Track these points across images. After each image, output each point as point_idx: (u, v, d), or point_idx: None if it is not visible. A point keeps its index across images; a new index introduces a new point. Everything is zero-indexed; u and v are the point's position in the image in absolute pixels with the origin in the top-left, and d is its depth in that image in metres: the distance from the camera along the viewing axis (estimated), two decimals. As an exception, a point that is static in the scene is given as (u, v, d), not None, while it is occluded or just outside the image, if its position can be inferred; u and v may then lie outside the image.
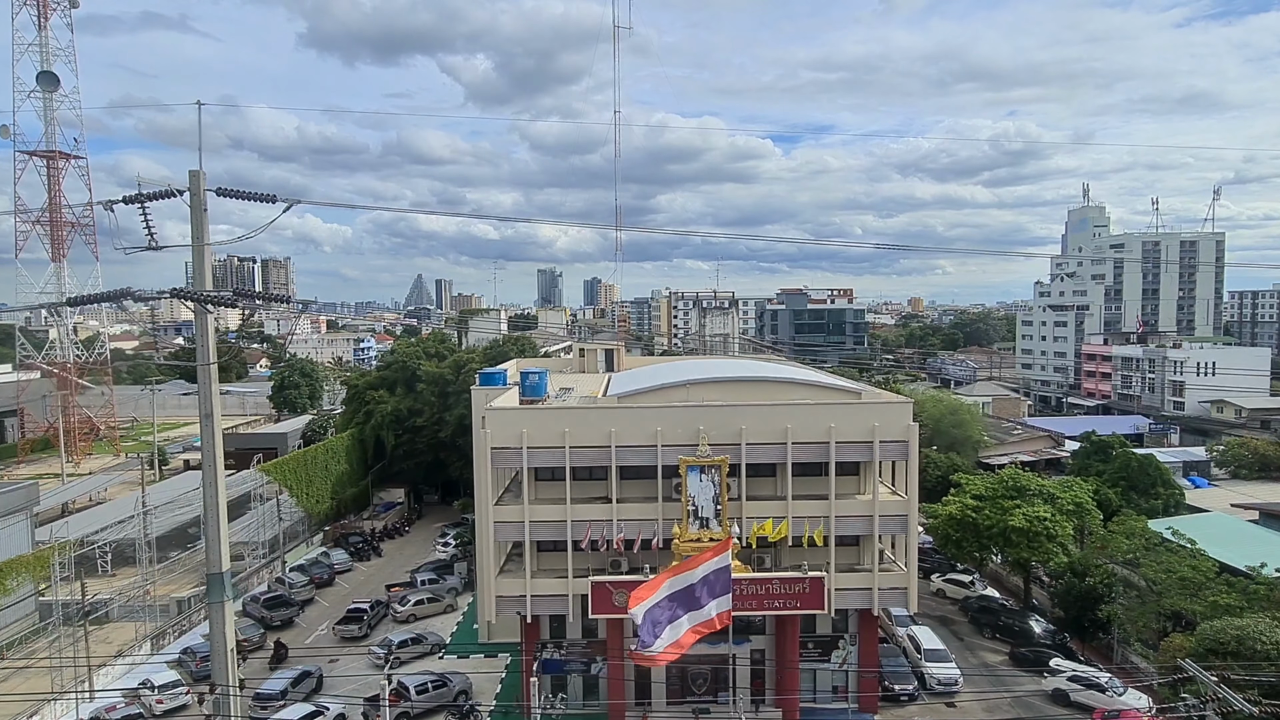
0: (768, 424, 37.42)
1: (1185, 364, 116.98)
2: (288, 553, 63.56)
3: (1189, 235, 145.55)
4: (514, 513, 37.82)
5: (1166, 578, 38.15)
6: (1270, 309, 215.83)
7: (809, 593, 35.45)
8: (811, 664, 40.17)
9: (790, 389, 39.76)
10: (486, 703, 41.27)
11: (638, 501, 38.29)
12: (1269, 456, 74.83)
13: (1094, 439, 70.82)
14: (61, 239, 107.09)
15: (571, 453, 37.31)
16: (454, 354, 79.12)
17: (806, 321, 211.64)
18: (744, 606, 35.94)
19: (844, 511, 38.01)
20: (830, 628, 40.33)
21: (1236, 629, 27.40)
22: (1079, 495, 50.93)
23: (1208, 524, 60.35)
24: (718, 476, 36.10)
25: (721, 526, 36.30)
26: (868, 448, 37.58)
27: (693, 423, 37.11)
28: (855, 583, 38.26)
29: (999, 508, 49.75)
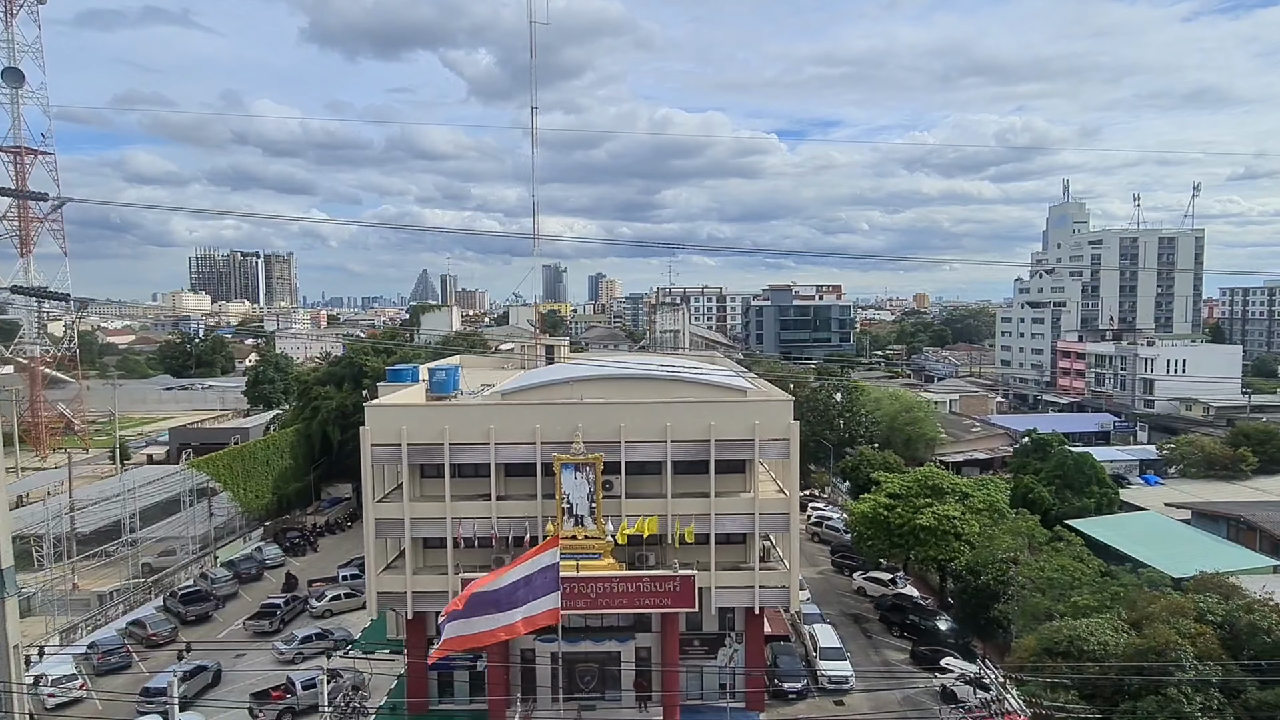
0: (648, 422, 37.43)
1: (1155, 361, 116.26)
2: (224, 548, 63.92)
3: (1168, 232, 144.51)
4: (395, 509, 37.97)
5: (1037, 577, 38.00)
6: (1262, 306, 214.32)
7: (679, 591, 35.45)
8: (698, 662, 40.20)
9: (675, 387, 39.76)
10: (383, 699, 41.46)
11: (521, 499, 38.36)
12: (1217, 455, 74.28)
13: (1034, 437, 70.60)
14: (29, 234, 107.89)
15: (452, 450, 37.42)
16: (401, 350, 79.29)
17: (792, 318, 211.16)
18: (615, 605, 36.07)
19: (725, 510, 38.03)
20: (718, 625, 40.34)
21: (1070, 630, 27.28)
22: (992, 494, 50.76)
23: (1135, 523, 60.22)
24: (592, 474, 36.13)
25: (596, 524, 36.36)
26: (749, 446, 37.58)
27: (572, 420, 37.11)
28: (737, 581, 38.28)
29: (911, 506, 49.70)
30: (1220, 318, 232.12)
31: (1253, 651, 25.60)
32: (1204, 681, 24.00)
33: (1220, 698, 24.19)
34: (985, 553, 42.73)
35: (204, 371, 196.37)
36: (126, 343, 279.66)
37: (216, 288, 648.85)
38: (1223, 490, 70.10)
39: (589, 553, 35.93)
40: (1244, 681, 24.69)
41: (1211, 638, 25.80)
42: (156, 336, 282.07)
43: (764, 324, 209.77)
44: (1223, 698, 24.28)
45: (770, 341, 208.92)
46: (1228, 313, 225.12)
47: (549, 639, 39.60)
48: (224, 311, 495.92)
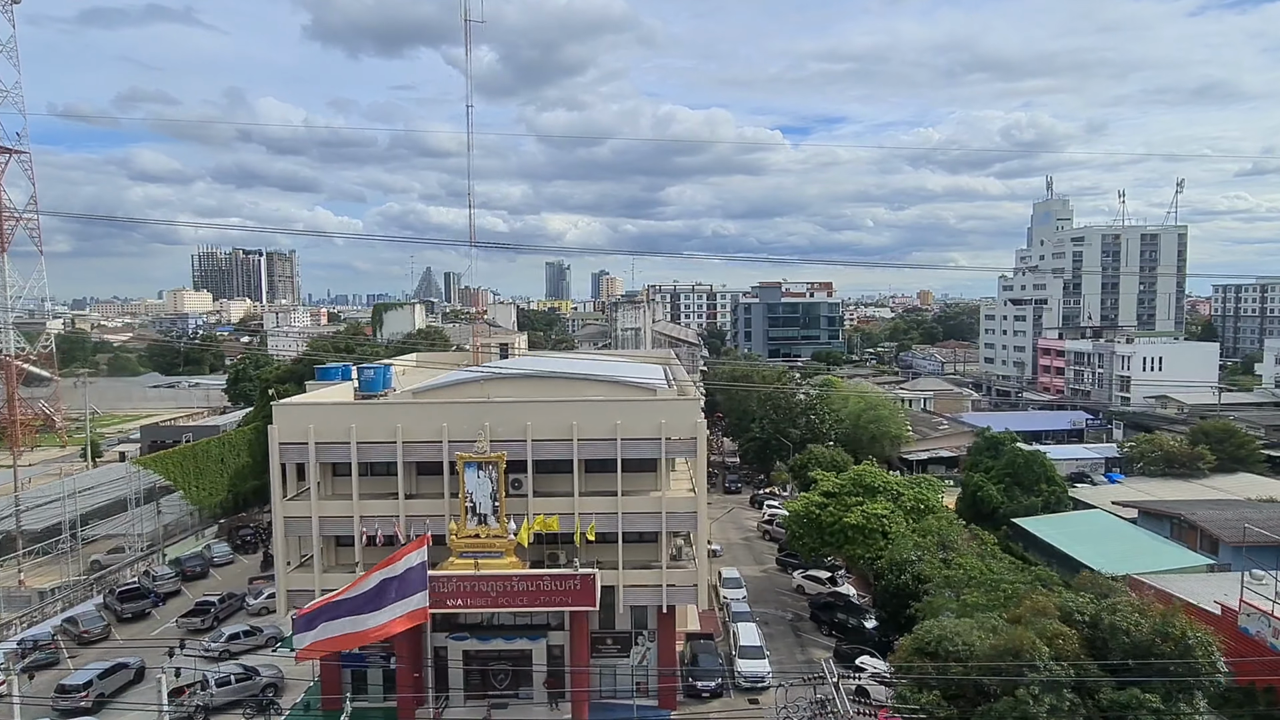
0: (555, 420, 37.46)
1: (1131, 359, 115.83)
2: (174, 545, 64.24)
3: (1150, 229, 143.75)
4: (303, 508, 38.10)
5: (942, 576, 37.92)
6: (1254, 303, 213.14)
7: (580, 590, 35.48)
8: (611, 660, 40.31)
9: (585, 386, 39.79)
10: (299, 697, 41.65)
11: (431, 497, 38.44)
12: (1175, 454, 74.01)
13: (986, 435, 70.47)
14: (2, 233, 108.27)
15: (360, 449, 37.53)
16: (363, 348, 79.53)
17: (780, 315, 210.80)
18: (515, 603, 36.14)
19: (633, 508, 38.06)
20: (630, 624, 40.41)
21: (940, 629, 27.23)
22: (924, 493, 50.69)
23: (1080, 521, 60.21)
24: (495, 472, 36.21)
25: (499, 523, 36.44)
26: (655, 445, 37.60)
27: (479, 419, 37.16)
28: (645, 580, 38.33)
29: (843, 505, 49.68)
30: (1213, 314, 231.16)
31: (1117, 651, 25.49)
32: (1055, 683, 23.93)
33: (1073, 698, 24.11)
34: (894, 551, 42.64)
35: (192, 369, 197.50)
36: (122, 340, 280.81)
37: (219, 286, 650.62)
38: (1179, 489, 69.91)
39: (491, 551, 36.01)
40: (1100, 682, 24.60)
41: (1073, 638, 25.71)
42: (150, 335, 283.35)
43: (752, 321, 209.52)
44: (1076, 698, 24.21)
45: (759, 339, 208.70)
46: (1220, 310, 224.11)
47: (460, 636, 39.85)
48: (224, 309, 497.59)
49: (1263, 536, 51.48)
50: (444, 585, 35.38)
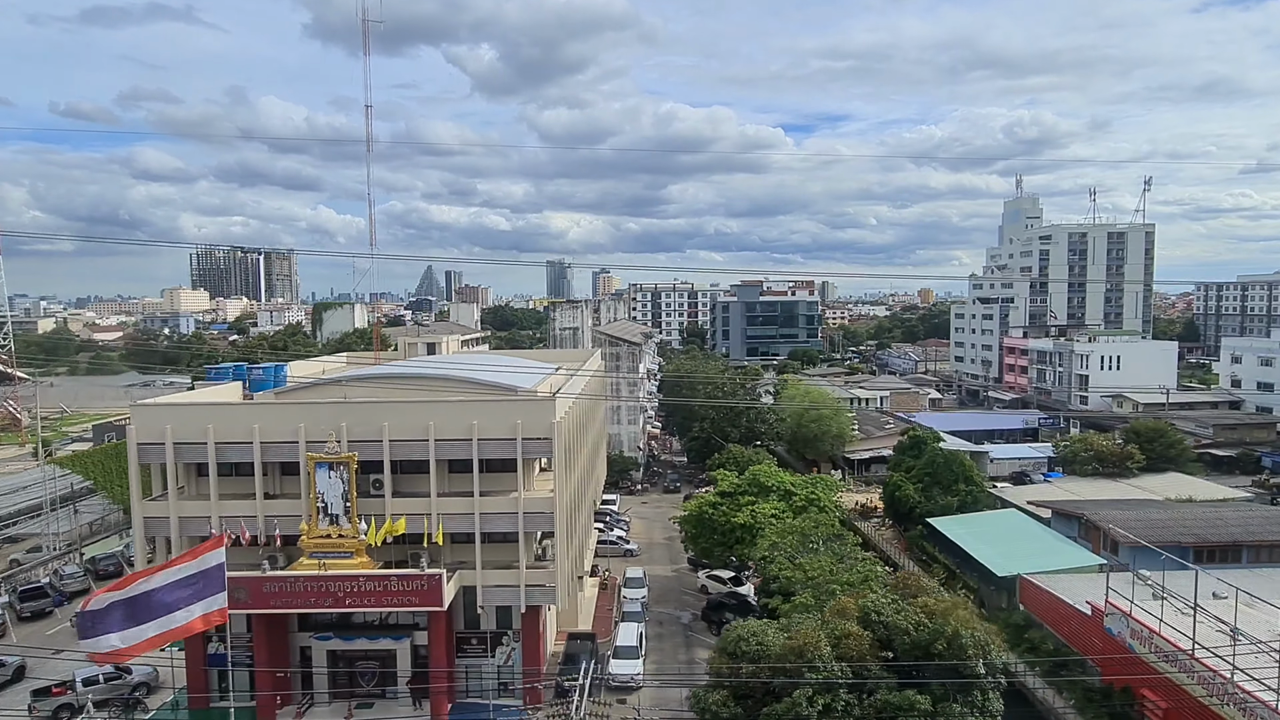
0: (411, 421, 37.56)
1: (1089, 358, 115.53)
2: (95, 545, 64.47)
3: (1117, 227, 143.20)
4: (162, 508, 38.24)
5: (781, 575, 37.91)
6: (1235, 301, 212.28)
7: (428, 590, 35.59)
8: (477, 660, 40.44)
9: (445, 386, 39.81)
10: (170, 696, 41.78)
11: (293, 497, 38.55)
12: (1105, 453, 73.79)
13: (911, 435, 70.39)
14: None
15: (218, 449, 37.66)
16: (302, 347, 79.67)
17: (759, 314, 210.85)
18: (363, 603, 36.31)
19: (491, 509, 38.15)
20: (495, 624, 40.53)
21: (743, 631, 27.27)
22: (816, 492, 50.67)
23: (991, 521, 60.08)
24: (346, 473, 36.33)
25: (351, 524, 36.56)
26: (511, 445, 37.69)
27: (335, 420, 37.29)
28: (504, 580, 38.42)
29: (735, 504, 49.69)
30: (1195, 313, 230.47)
31: (900, 651, 25.49)
32: (830, 683, 23.95)
33: (849, 699, 24.13)
34: (754, 551, 42.66)
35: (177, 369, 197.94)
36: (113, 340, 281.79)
37: (217, 285, 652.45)
38: (1105, 488, 69.65)
39: (340, 551, 36.14)
40: (881, 682, 24.60)
41: (863, 638, 25.71)
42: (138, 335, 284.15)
43: (730, 320, 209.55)
44: (853, 699, 24.22)
45: (737, 338, 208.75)
46: (1202, 308, 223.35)
47: (325, 636, 39.99)
48: (221, 308, 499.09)
49: (1156, 536, 51.39)
50: (290, 586, 35.59)
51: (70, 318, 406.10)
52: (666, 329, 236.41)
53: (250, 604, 35.84)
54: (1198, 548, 51.06)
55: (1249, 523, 52.20)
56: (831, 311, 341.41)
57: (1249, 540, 50.89)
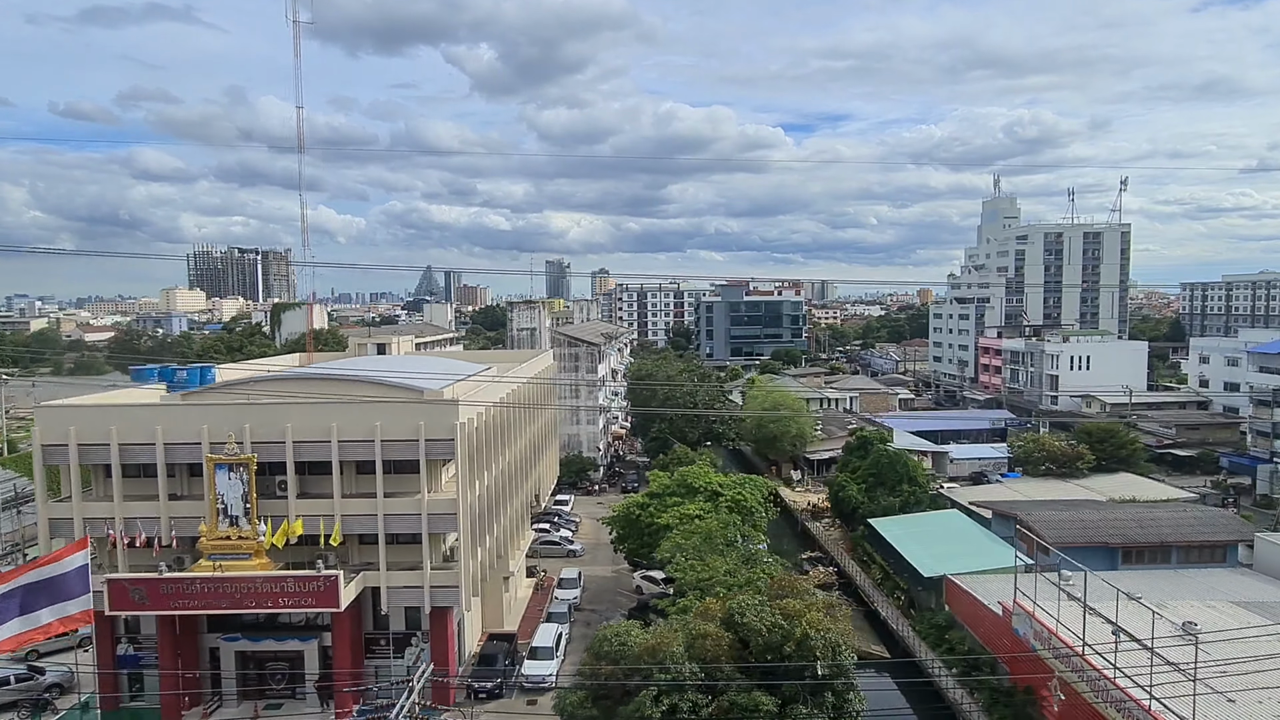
0: (314, 423, 37.64)
1: (1059, 358, 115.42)
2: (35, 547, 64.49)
3: (1093, 227, 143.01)
4: (66, 509, 38.32)
5: (678, 575, 37.92)
6: (1220, 301, 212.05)
7: (324, 591, 35.65)
8: (386, 660, 40.46)
9: (351, 387, 39.86)
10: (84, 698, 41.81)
11: (199, 499, 38.59)
12: (1056, 454, 73.78)
13: (858, 435, 70.42)
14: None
15: (122, 450, 37.74)
16: (257, 348, 79.78)
17: (743, 314, 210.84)
18: (260, 604, 36.35)
19: (394, 510, 38.21)
20: (404, 625, 40.58)
21: (607, 631, 27.29)
22: (744, 493, 50.67)
23: (930, 522, 60.10)
24: (246, 474, 36.40)
25: (250, 525, 36.63)
26: (414, 446, 37.76)
27: (238, 421, 37.36)
28: (408, 581, 38.48)
29: (662, 505, 49.71)
30: (1181, 312, 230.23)
31: (763, 653, 25.49)
32: (678, 684, 23.98)
33: (696, 699, 24.15)
34: (660, 551, 42.67)
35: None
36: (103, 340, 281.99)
37: (215, 285, 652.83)
38: (1054, 488, 69.69)
39: (238, 553, 36.21)
40: (729, 683, 24.62)
41: (722, 639, 25.73)
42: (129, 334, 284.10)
43: (714, 320, 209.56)
44: (701, 699, 24.24)
45: (721, 338, 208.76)
46: (1188, 308, 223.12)
47: (233, 638, 40.09)
48: (216, 308, 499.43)
49: (1084, 537, 51.40)
50: (186, 587, 35.67)
51: (65, 318, 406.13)
52: (653, 329, 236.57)
53: (147, 605, 35.93)
54: (1125, 548, 51.11)
55: (1180, 524, 52.14)
56: (826, 312, 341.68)
57: (1177, 541, 50.86)
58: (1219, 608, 40.63)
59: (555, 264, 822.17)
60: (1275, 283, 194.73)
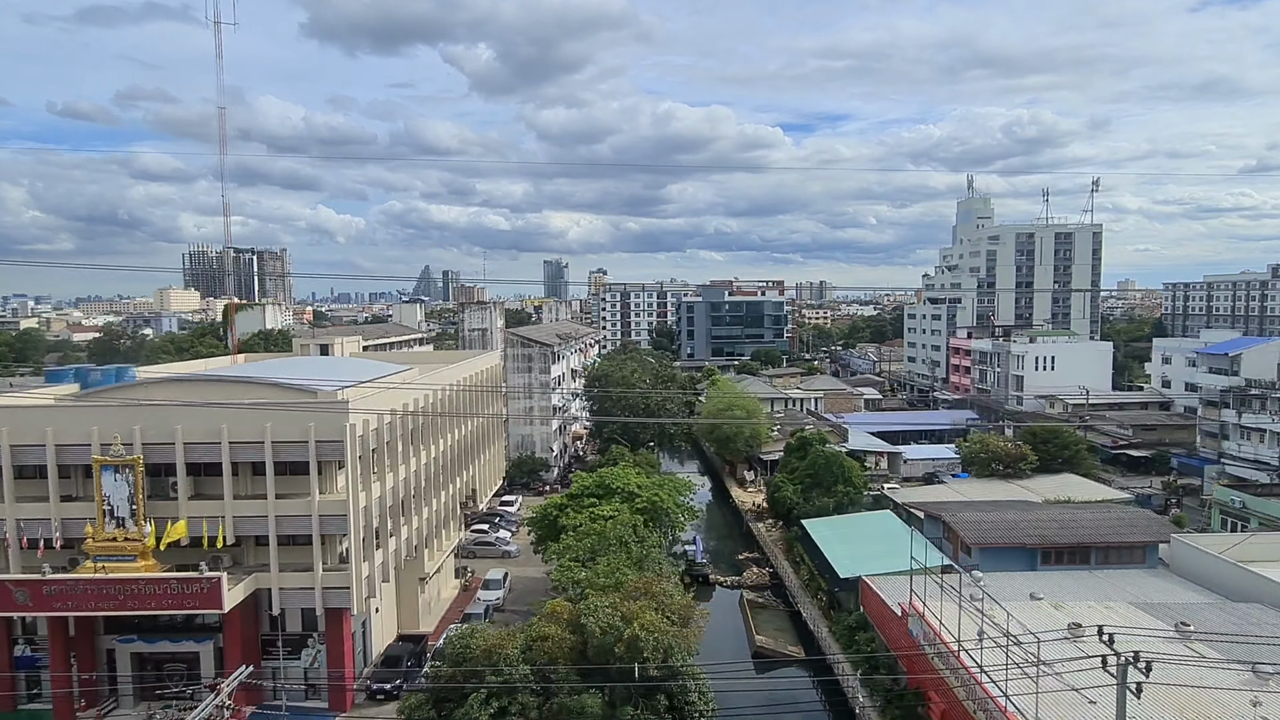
0: (206, 424, 37.67)
1: (1025, 358, 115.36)
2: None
3: (1064, 227, 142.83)
4: (-43, 510, 38.32)
5: (559, 579, 37.93)
6: (1201, 301, 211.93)
7: (206, 593, 35.68)
8: (282, 662, 40.50)
9: (247, 389, 39.85)
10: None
11: (91, 500, 38.58)
12: (1000, 454, 73.71)
13: (798, 436, 70.42)
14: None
15: (13, 451, 37.79)
16: (209, 349, 79.85)
17: (724, 314, 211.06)
18: (144, 606, 36.36)
19: (286, 511, 38.24)
20: (301, 626, 40.61)
21: (454, 634, 27.32)
22: (657, 495, 50.68)
23: (859, 523, 60.16)
24: (132, 476, 36.43)
25: (137, 526, 36.66)
26: (304, 448, 37.79)
27: (128, 423, 37.40)
28: (299, 582, 38.50)
29: (579, 506, 49.73)
30: (1163, 312, 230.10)
31: (597, 654, 25.50)
32: (509, 687, 24.01)
33: (526, 702, 24.18)
34: (549, 554, 42.65)
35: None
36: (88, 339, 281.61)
37: (211, 284, 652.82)
38: (996, 489, 69.62)
39: (123, 555, 36.26)
40: (561, 685, 24.65)
41: (564, 641, 25.76)
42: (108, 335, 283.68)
43: (695, 320, 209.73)
44: (531, 700, 24.27)
45: (702, 338, 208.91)
46: (1170, 307, 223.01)
47: (128, 638, 40.13)
48: (210, 308, 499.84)
49: (1005, 538, 51.43)
50: (70, 589, 35.72)
51: (56, 317, 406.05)
52: (636, 329, 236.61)
53: (31, 607, 36.00)
54: (1044, 549, 51.14)
55: (1100, 525, 52.14)
56: (818, 312, 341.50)
57: (1096, 542, 50.87)
58: (1115, 608, 40.59)
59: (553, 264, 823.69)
60: (1255, 283, 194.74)
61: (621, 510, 48.79)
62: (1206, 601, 42.59)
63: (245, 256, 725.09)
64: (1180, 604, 41.63)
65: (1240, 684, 30.20)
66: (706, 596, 62.71)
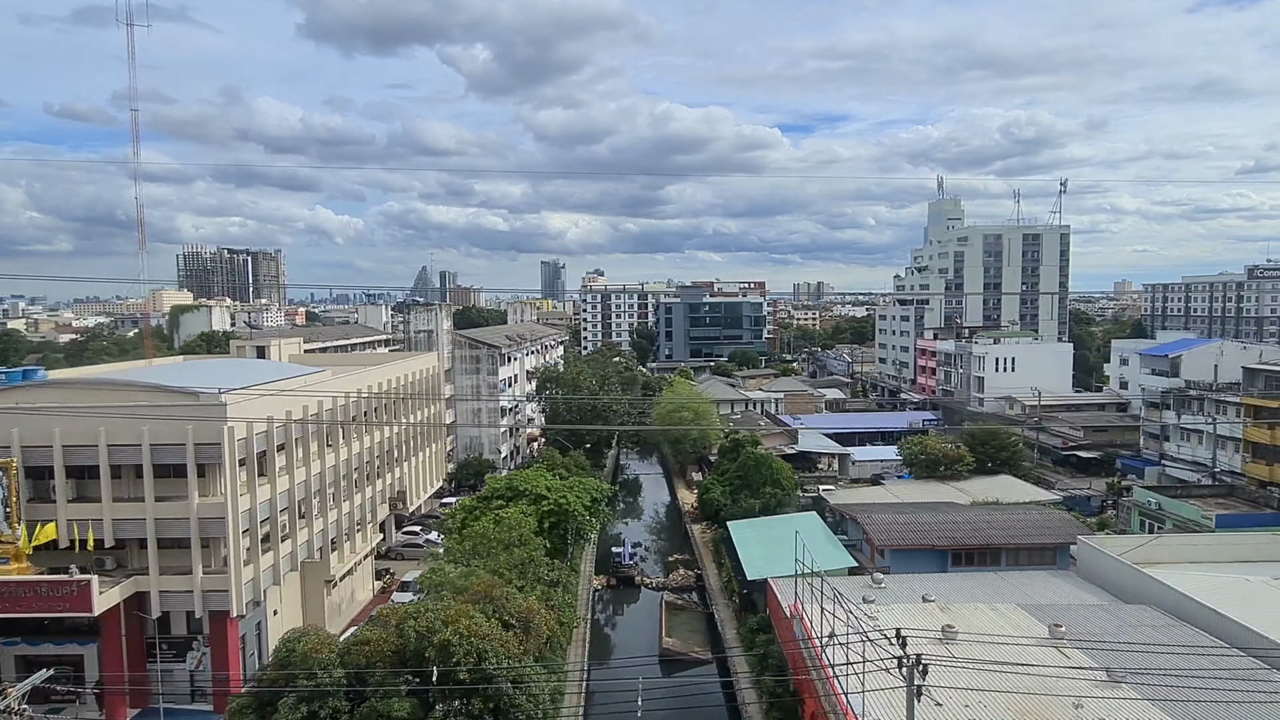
0: (85, 427, 37.70)
1: (985, 359, 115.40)
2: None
3: (1033, 228, 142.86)
4: None
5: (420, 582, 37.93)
6: (1179, 303, 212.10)
7: (76, 595, 35.70)
8: (169, 665, 40.51)
9: (130, 393, 39.86)
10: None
11: (-25, 503, 38.62)
12: (938, 456, 73.69)
13: (731, 438, 70.47)
14: None
15: (-109, 455, 37.80)
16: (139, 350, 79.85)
17: (703, 315, 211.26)
18: (14, 609, 36.38)
19: (165, 514, 38.26)
20: (186, 629, 40.63)
21: (284, 639, 27.33)
22: (569, 496, 50.68)
23: (780, 525, 59.72)
24: (5, 479, 36.46)
25: (11, 529, 36.69)
26: (183, 450, 37.82)
27: (7, 425, 37.45)
28: (178, 585, 38.53)
29: (488, 508, 49.73)
30: (1143, 314, 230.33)
31: (413, 658, 25.52)
32: (322, 691, 24.03)
33: (337, 705, 24.19)
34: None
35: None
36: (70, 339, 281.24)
37: (205, 286, 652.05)
38: (933, 490, 69.43)
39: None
40: (375, 689, 24.65)
41: (384, 644, 25.75)
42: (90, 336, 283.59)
43: (673, 322, 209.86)
44: (340, 705, 24.28)
45: (680, 339, 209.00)
46: (1149, 309, 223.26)
47: (11, 640, 40.10)
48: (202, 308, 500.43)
49: (915, 540, 51.48)
50: (-62, 591, 35.69)
51: (47, 318, 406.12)
52: (617, 331, 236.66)
53: (-99, 609, 35.99)
54: (954, 550, 51.22)
55: (1012, 527, 52.20)
56: (807, 313, 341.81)
57: (1006, 544, 50.95)
58: (1001, 610, 40.50)
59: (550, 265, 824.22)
60: (1231, 284, 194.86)
61: (530, 512, 48.81)
62: (1098, 603, 42.52)
63: (240, 258, 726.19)
64: (1068, 605, 41.56)
65: (1069, 685, 30.18)
66: (633, 598, 62.98)
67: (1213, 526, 51.53)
